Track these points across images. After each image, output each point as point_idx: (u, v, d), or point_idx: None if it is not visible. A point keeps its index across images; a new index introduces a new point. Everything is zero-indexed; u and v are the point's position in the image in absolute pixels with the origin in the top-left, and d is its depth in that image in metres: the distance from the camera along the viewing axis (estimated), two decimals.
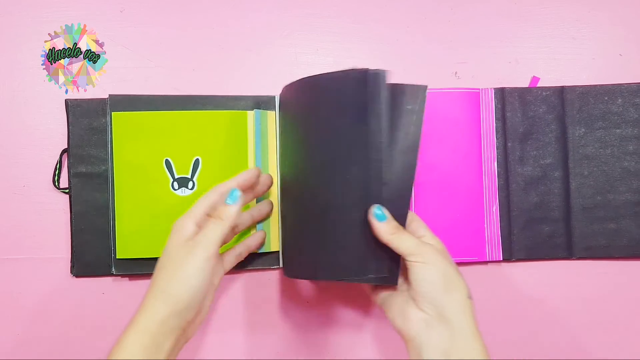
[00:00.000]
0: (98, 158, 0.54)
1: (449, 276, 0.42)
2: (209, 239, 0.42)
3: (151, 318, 0.40)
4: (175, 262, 0.41)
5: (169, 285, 0.41)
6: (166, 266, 0.42)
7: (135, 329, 0.40)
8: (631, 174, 0.55)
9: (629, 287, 0.56)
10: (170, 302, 0.40)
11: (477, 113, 0.55)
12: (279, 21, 0.57)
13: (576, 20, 0.58)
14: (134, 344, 0.39)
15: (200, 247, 0.42)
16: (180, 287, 0.41)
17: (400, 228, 0.43)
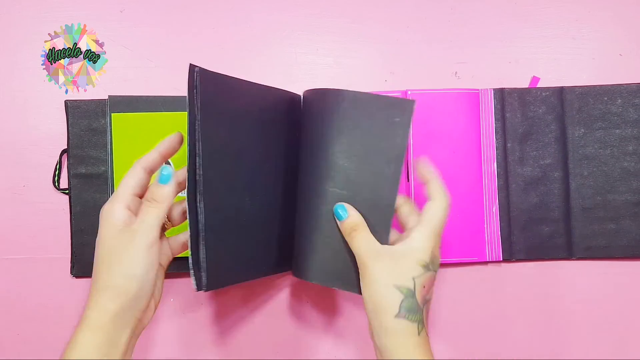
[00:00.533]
0: (98, 159, 0.54)
1: (379, 296, 0.41)
2: (147, 225, 0.40)
3: (102, 315, 0.38)
4: (115, 253, 0.39)
5: (113, 279, 0.39)
6: (106, 259, 0.39)
7: (87, 327, 0.38)
8: (631, 174, 0.55)
9: (629, 287, 0.56)
10: (118, 296, 0.39)
11: (476, 113, 0.55)
12: (279, 21, 0.57)
13: (576, 20, 0.58)
14: (87, 342, 0.38)
15: (139, 235, 0.39)
16: (125, 279, 0.39)
17: (360, 228, 0.43)
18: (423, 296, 0.41)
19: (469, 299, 0.56)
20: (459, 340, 0.55)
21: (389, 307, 0.40)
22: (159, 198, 0.41)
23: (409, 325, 0.40)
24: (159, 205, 0.41)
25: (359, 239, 0.43)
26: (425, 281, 0.41)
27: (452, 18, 0.58)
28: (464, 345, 0.55)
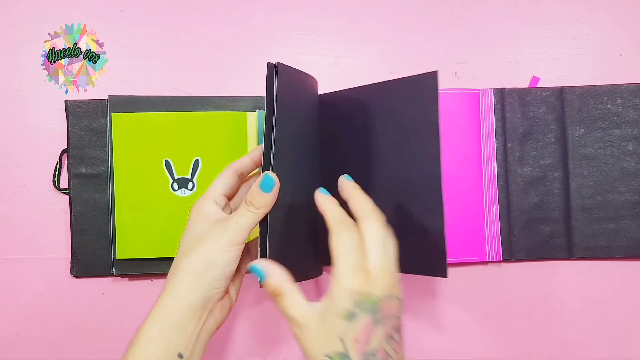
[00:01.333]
0: (98, 159, 0.54)
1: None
2: (240, 226, 0.40)
3: (171, 299, 0.39)
4: (201, 241, 0.40)
5: (192, 264, 0.39)
6: (190, 246, 0.40)
7: (156, 311, 0.39)
8: (631, 174, 0.55)
9: (628, 287, 0.56)
10: (192, 281, 0.39)
11: (476, 113, 0.55)
12: (279, 21, 0.57)
13: (576, 20, 0.58)
14: (152, 328, 0.39)
15: (229, 232, 0.40)
16: (204, 264, 0.39)
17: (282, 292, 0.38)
18: (363, 350, 0.34)
19: (469, 299, 0.56)
20: (458, 340, 0.55)
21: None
22: (258, 204, 0.40)
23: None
24: (257, 212, 0.40)
25: (285, 305, 0.38)
26: (356, 333, 0.35)
27: (452, 18, 0.58)
28: (464, 345, 0.55)
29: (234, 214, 0.41)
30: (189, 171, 0.53)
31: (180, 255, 0.41)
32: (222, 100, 0.55)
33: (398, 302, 0.37)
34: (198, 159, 0.53)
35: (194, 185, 0.53)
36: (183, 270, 0.40)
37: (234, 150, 0.54)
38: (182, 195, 0.53)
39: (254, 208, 0.40)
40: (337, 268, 0.36)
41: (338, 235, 0.38)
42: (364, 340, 0.35)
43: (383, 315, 0.36)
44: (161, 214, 0.53)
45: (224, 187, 0.43)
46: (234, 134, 0.54)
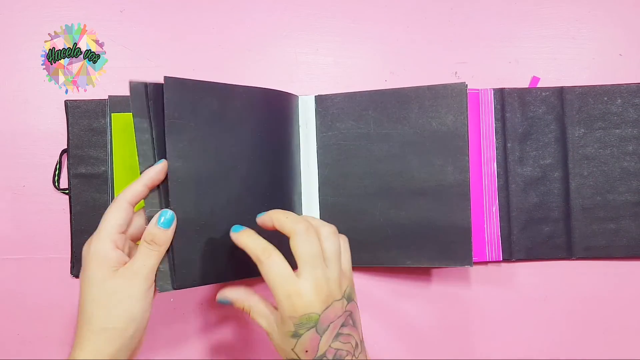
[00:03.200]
0: (98, 159, 0.54)
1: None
2: (147, 268, 0.39)
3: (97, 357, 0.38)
4: (114, 295, 0.38)
5: (112, 322, 0.38)
6: (103, 301, 0.38)
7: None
8: (631, 174, 0.55)
9: (629, 287, 0.56)
10: (115, 338, 0.38)
11: (476, 113, 0.55)
12: (279, 21, 0.57)
13: (576, 20, 0.58)
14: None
15: (139, 277, 0.39)
16: (125, 322, 0.38)
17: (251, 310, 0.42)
18: (312, 357, 0.39)
19: (469, 298, 0.56)
20: (458, 340, 0.55)
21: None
22: (160, 241, 0.40)
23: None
24: (160, 249, 0.40)
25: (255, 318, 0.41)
26: (304, 346, 0.38)
27: (452, 18, 0.58)
28: (464, 345, 0.55)
29: (137, 256, 0.40)
30: None
31: (94, 309, 0.39)
32: None
33: (340, 302, 0.40)
34: None
35: None
36: (104, 329, 0.38)
37: None
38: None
39: (157, 246, 0.40)
40: (275, 296, 0.39)
41: (264, 266, 0.39)
42: (312, 350, 0.38)
43: (325, 325, 0.39)
44: None
45: (121, 225, 0.40)
46: None
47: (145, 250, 0.40)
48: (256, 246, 0.40)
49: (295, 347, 0.39)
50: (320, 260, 0.39)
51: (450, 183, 0.52)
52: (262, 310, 0.41)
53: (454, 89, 0.52)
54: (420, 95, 0.53)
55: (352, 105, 0.54)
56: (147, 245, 0.40)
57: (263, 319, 0.41)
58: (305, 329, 0.38)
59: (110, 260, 0.39)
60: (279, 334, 0.40)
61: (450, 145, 0.52)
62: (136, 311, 0.39)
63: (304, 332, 0.38)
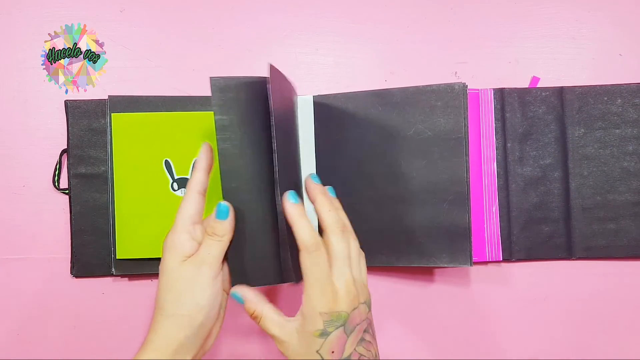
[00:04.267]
0: (98, 159, 0.54)
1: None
2: (213, 257, 0.41)
3: (167, 341, 0.39)
4: (183, 283, 0.40)
5: (181, 308, 0.40)
6: (174, 287, 0.40)
7: (150, 351, 0.39)
8: (631, 174, 0.55)
9: (629, 287, 0.56)
10: (185, 324, 0.40)
11: (476, 113, 0.55)
12: (279, 21, 0.57)
13: (576, 20, 0.58)
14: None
15: (206, 266, 0.40)
16: (193, 309, 0.40)
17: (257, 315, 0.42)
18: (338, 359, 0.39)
19: (469, 299, 0.56)
20: (458, 340, 0.55)
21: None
22: (221, 232, 0.41)
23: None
24: (222, 239, 0.41)
25: (264, 325, 0.42)
26: (331, 346, 0.39)
27: (452, 18, 0.58)
28: (464, 345, 0.55)
29: (202, 247, 0.41)
30: (189, 171, 0.53)
31: (166, 295, 0.40)
32: None
33: (364, 307, 0.41)
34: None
35: None
36: (174, 315, 0.40)
37: None
38: (182, 195, 0.53)
39: (218, 237, 0.41)
40: (307, 289, 0.40)
41: (306, 258, 0.40)
42: (339, 351, 0.39)
43: (352, 326, 0.40)
44: (161, 214, 0.53)
45: (194, 215, 0.42)
46: None
47: (209, 240, 0.41)
48: (309, 235, 0.40)
49: (322, 347, 0.39)
50: (350, 262, 0.41)
51: (449, 184, 0.52)
52: (275, 318, 0.41)
53: (453, 89, 0.52)
54: (418, 96, 0.53)
55: (351, 105, 0.54)
56: (209, 236, 0.41)
57: (276, 327, 0.41)
58: (334, 327, 0.39)
59: (184, 250, 0.41)
60: (299, 338, 0.40)
61: (449, 146, 0.52)
62: (203, 299, 0.40)
63: (333, 330, 0.39)
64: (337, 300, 0.39)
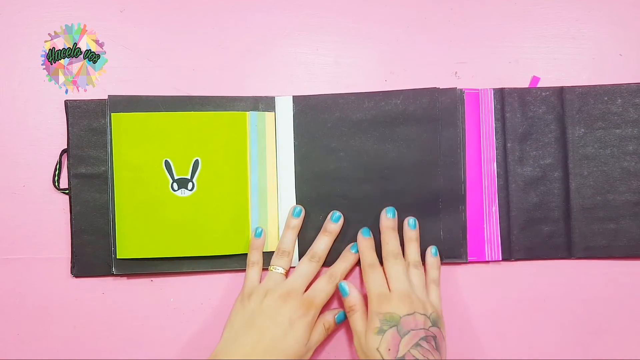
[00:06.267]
0: (98, 159, 0.54)
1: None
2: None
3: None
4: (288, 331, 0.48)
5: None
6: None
7: None
8: (631, 174, 0.55)
9: (628, 287, 0.56)
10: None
11: (476, 113, 0.55)
12: (279, 21, 0.57)
13: (576, 20, 0.58)
14: None
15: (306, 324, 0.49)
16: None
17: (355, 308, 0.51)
18: (393, 357, 0.45)
19: (469, 298, 0.56)
20: (458, 340, 0.55)
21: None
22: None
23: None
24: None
25: (355, 320, 0.49)
26: (388, 344, 0.45)
27: (452, 18, 0.58)
28: (464, 345, 0.55)
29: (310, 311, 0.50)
30: (189, 171, 0.53)
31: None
32: (222, 100, 0.55)
33: (423, 318, 0.47)
34: (198, 159, 0.53)
35: (194, 185, 0.53)
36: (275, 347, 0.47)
37: (234, 150, 0.54)
38: (181, 195, 0.53)
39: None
40: (369, 297, 0.49)
41: (368, 274, 0.50)
42: (393, 348, 0.45)
43: (406, 329, 0.46)
44: (161, 214, 0.53)
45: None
46: (233, 134, 0.54)
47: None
48: (368, 259, 0.51)
49: (380, 344, 0.45)
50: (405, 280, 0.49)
51: (445, 182, 0.54)
52: (364, 318, 0.49)
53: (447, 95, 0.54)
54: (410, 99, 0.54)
55: (335, 108, 0.55)
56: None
57: (361, 323, 0.49)
58: (388, 326, 0.46)
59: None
60: (366, 335, 0.47)
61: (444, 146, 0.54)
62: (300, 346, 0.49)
63: (387, 329, 0.46)
64: (391, 304, 0.47)
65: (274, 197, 0.55)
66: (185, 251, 0.53)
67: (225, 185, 0.54)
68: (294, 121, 0.55)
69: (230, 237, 0.54)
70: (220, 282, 0.55)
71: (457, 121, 0.54)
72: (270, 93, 0.56)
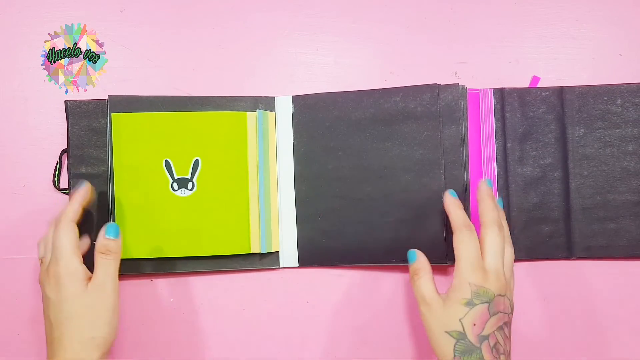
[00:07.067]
0: (98, 159, 0.54)
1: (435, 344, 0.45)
2: (111, 276, 0.46)
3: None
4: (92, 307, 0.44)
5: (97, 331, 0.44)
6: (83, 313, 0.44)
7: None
8: (631, 174, 0.55)
9: (629, 287, 0.56)
10: (102, 345, 0.44)
11: (476, 113, 0.55)
12: (279, 21, 0.57)
13: (576, 20, 0.58)
14: None
15: (108, 287, 0.45)
16: (108, 328, 0.45)
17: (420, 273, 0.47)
18: (476, 334, 0.42)
19: None
20: None
21: (444, 354, 0.43)
22: (114, 249, 0.46)
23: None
24: (116, 256, 0.47)
25: (420, 284, 0.46)
26: (474, 318, 0.42)
27: (452, 18, 0.58)
28: None
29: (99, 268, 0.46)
30: (189, 171, 0.53)
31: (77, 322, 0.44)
32: (222, 100, 0.55)
33: (509, 301, 0.45)
34: (198, 159, 0.53)
35: (194, 185, 0.53)
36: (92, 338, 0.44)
37: (234, 150, 0.54)
38: (182, 195, 0.53)
39: (112, 254, 0.46)
40: (460, 264, 0.44)
41: (461, 237, 0.45)
42: (479, 325, 0.42)
43: (496, 309, 0.43)
44: (161, 214, 0.53)
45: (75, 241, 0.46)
46: (234, 134, 0.54)
47: (102, 260, 0.46)
48: (461, 218, 0.46)
49: (465, 317, 0.42)
50: (508, 258, 0.46)
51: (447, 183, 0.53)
52: (430, 283, 0.46)
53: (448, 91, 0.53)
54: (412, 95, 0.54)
55: (335, 106, 0.54)
56: (103, 255, 0.46)
57: (429, 289, 0.45)
58: (480, 301, 0.43)
59: (83, 277, 0.45)
60: (445, 305, 0.44)
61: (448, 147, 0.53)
62: (113, 318, 0.45)
63: (479, 304, 0.43)
64: (487, 278, 0.43)
65: (275, 197, 0.55)
66: (185, 251, 0.53)
67: (225, 185, 0.54)
68: (292, 121, 0.55)
69: (230, 237, 0.54)
70: (220, 282, 0.55)
71: (459, 118, 0.53)
72: (270, 93, 0.56)
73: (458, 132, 0.53)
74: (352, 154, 0.54)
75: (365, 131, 0.54)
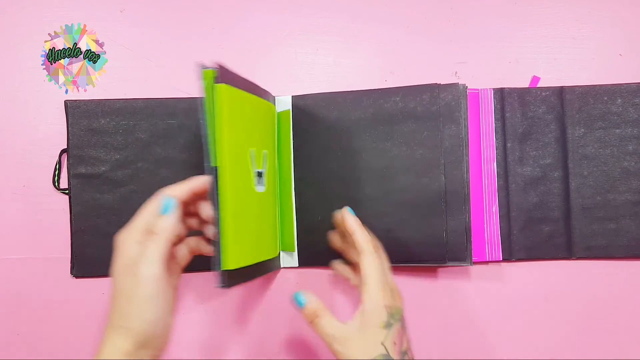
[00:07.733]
0: (98, 159, 0.54)
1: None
2: (150, 260, 0.38)
3: (115, 353, 0.37)
4: (124, 293, 0.38)
5: (126, 321, 0.38)
6: (117, 297, 0.39)
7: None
8: (631, 174, 0.55)
9: (628, 287, 0.56)
10: (132, 336, 0.38)
11: (476, 113, 0.55)
12: (279, 21, 0.57)
13: (576, 20, 0.58)
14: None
15: (144, 274, 0.38)
16: (138, 323, 0.38)
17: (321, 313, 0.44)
18: (399, 350, 0.42)
19: (469, 299, 0.56)
20: (458, 340, 0.55)
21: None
22: (157, 229, 0.39)
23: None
24: (158, 238, 0.39)
25: (323, 326, 0.43)
26: (393, 337, 0.42)
27: (452, 18, 0.58)
28: (464, 345, 0.55)
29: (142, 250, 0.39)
30: (262, 164, 0.49)
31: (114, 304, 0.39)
32: None
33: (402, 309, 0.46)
34: (265, 152, 0.50)
35: (264, 181, 0.49)
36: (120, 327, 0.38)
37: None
38: (259, 191, 0.48)
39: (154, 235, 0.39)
40: (370, 287, 0.43)
41: (369, 259, 0.44)
42: (399, 343, 0.43)
43: (405, 323, 0.45)
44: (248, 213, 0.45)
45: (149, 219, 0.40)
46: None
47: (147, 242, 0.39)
48: (367, 237, 0.45)
49: (386, 339, 0.42)
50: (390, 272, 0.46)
51: (448, 184, 0.53)
52: (332, 320, 0.43)
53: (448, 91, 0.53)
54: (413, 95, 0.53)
55: (334, 107, 0.54)
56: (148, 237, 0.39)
57: (336, 328, 0.43)
58: (395, 320, 0.43)
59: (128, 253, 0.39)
60: (361, 334, 0.42)
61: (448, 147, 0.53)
62: (146, 313, 0.38)
63: (394, 323, 0.43)
64: (394, 296, 0.44)
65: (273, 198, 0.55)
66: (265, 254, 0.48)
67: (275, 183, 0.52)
68: (292, 121, 0.55)
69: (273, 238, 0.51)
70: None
71: (459, 118, 0.53)
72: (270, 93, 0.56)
73: (458, 132, 0.53)
74: (352, 154, 0.54)
75: (365, 131, 0.54)
